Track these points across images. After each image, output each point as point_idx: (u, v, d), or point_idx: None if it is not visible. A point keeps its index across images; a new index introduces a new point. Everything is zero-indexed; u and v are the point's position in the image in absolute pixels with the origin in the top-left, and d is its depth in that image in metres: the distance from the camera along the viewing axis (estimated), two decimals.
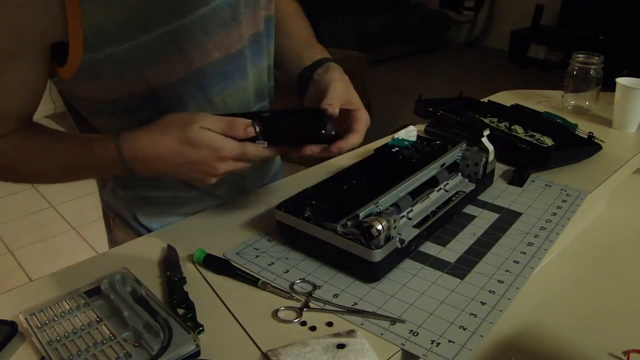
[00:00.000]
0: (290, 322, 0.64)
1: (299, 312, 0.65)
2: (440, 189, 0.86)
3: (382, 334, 0.62)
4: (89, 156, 0.73)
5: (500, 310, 0.65)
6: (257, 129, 0.70)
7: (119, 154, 0.70)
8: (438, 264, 0.74)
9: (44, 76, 0.71)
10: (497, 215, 0.86)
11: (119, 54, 0.68)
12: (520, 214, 0.87)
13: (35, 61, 0.68)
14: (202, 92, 0.77)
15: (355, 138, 0.75)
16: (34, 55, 0.67)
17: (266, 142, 0.71)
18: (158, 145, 0.69)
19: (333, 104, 0.75)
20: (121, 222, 0.94)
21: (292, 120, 0.76)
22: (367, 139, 1.07)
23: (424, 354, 0.59)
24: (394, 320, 0.63)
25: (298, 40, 0.91)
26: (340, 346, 0.59)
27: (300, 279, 0.70)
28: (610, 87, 1.23)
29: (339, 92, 0.78)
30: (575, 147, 1.07)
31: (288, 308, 0.66)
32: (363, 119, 0.78)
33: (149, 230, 0.89)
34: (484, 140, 0.90)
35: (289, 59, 0.89)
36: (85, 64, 0.67)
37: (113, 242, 0.98)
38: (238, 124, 0.69)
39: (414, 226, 0.77)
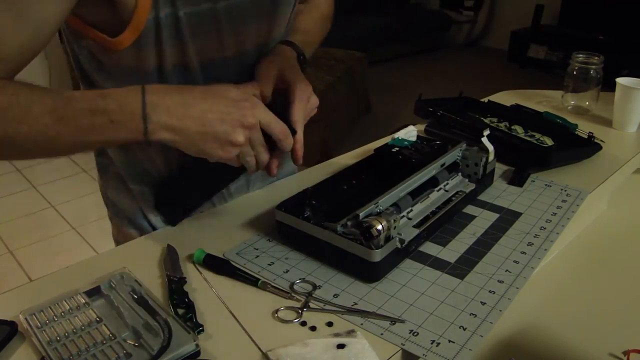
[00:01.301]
0: (290, 322, 0.64)
1: (299, 312, 0.65)
2: (440, 189, 0.86)
3: (382, 334, 0.62)
4: (102, 100, 0.63)
5: (500, 310, 0.65)
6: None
7: (142, 93, 0.63)
8: (438, 264, 0.74)
9: (58, 24, 0.66)
10: (497, 215, 0.86)
11: (174, 17, 0.69)
12: (520, 214, 0.87)
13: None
14: (221, 80, 0.77)
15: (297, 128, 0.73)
16: None
17: None
18: (186, 90, 0.67)
19: (259, 80, 0.75)
20: (127, 221, 0.93)
21: None
22: (367, 139, 1.08)
23: (424, 354, 0.59)
24: (394, 320, 0.63)
25: (291, 27, 0.90)
26: (340, 346, 0.59)
27: (300, 279, 0.70)
28: (610, 87, 1.23)
29: (264, 73, 0.76)
30: (575, 147, 1.07)
31: (288, 308, 0.66)
32: (300, 97, 0.75)
33: (155, 228, 0.89)
34: (484, 140, 0.90)
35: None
36: (149, 24, 0.68)
37: (119, 242, 0.98)
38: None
39: (414, 226, 0.77)
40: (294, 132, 0.73)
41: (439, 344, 0.60)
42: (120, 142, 0.67)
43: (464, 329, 0.62)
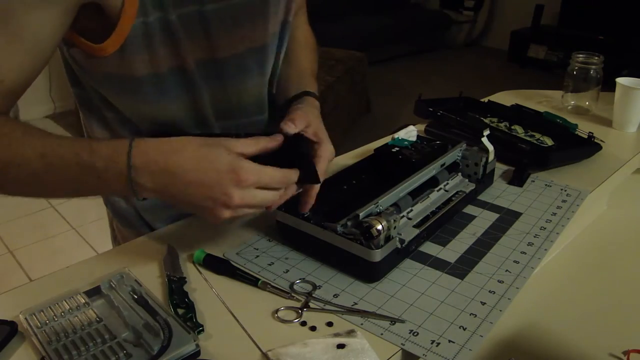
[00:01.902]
0: (290, 322, 0.64)
1: (299, 312, 0.65)
2: (440, 189, 0.86)
3: (382, 334, 0.62)
4: (89, 155, 0.62)
5: (500, 310, 0.65)
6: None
7: (128, 159, 0.61)
8: (438, 264, 0.74)
9: (57, 42, 0.66)
10: (497, 215, 0.86)
11: (164, 21, 0.69)
12: (520, 214, 0.87)
13: (59, 15, 0.62)
14: (221, 81, 0.77)
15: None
16: (63, 6, 0.62)
17: None
18: (175, 155, 0.62)
19: (295, 119, 0.71)
20: (124, 223, 0.93)
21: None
22: (367, 139, 1.08)
23: (424, 354, 0.59)
24: (394, 320, 0.63)
25: (295, 69, 0.91)
26: (340, 346, 0.59)
27: (300, 279, 0.70)
28: (610, 87, 1.23)
29: (302, 115, 0.74)
30: (575, 147, 1.07)
31: (288, 308, 0.66)
32: (325, 156, 0.73)
33: (152, 229, 0.89)
34: (484, 140, 0.90)
35: (281, 84, 0.89)
36: (135, 29, 0.67)
37: (117, 243, 0.98)
38: (263, 138, 0.66)
39: (414, 226, 0.77)
40: (316, 181, 0.70)
41: (439, 344, 0.60)
42: (108, 194, 0.66)
43: (464, 329, 0.62)
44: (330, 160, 0.74)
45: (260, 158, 0.65)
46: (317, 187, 0.72)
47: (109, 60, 0.70)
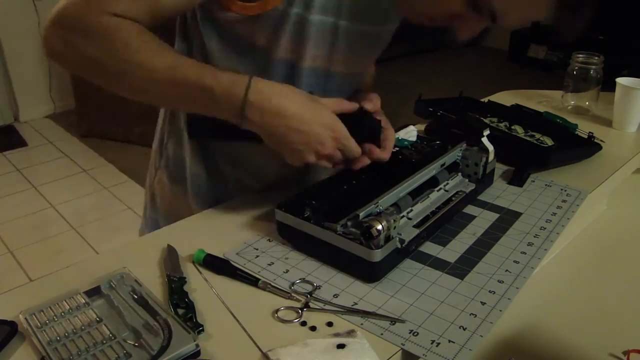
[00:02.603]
0: (290, 322, 0.64)
1: (299, 312, 0.65)
2: (440, 189, 0.86)
3: (382, 334, 0.62)
4: (212, 80, 0.69)
5: (500, 310, 0.65)
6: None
7: (246, 92, 0.69)
8: (438, 264, 0.74)
9: None
10: (497, 215, 0.86)
11: (301, 17, 0.74)
12: (520, 214, 0.87)
13: None
14: (319, 90, 0.81)
15: (384, 154, 0.81)
16: None
17: None
18: (286, 99, 0.70)
19: (372, 99, 0.83)
20: (169, 170, 0.96)
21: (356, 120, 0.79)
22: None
23: (424, 354, 0.59)
24: (394, 320, 0.63)
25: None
26: (340, 346, 0.59)
27: (300, 279, 0.70)
28: (610, 87, 1.23)
29: (376, 97, 0.86)
30: (575, 147, 1.07)
31: (288, 308, 0.66)
32: (391, 139, 0.83)
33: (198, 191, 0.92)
34: (484, 140, 0.90)
35: None
36: (275, 10, 0.73)
37: (150, 197, 1.02)
38: (345, 101, 0.77)
39: (414, 226, 0.77)
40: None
41: (439, 344, 0.60)
42: (214, 116, 0.73)
43: (464, 329, 0.62)
44: (393, 142, 0.84)
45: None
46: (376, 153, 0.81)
47: (242, 20, 0.75)
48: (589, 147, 1.05)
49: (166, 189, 0.98)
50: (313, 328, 0.63)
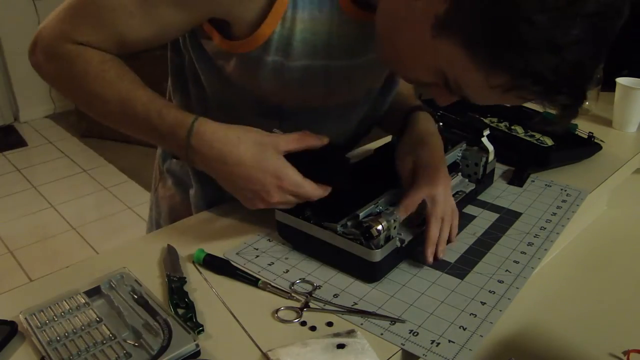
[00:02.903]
0: (290, 322, 0.64)
1: (299, 312, 0.65)
2: None
3: (382, 334, 0.62)
4: (157, 118, 0.70)
5: (500, 310, 0.65)
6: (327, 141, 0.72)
7: (188, 136, 0.68)
8: (438, 264, 0.74)
9: (184, 30, 0.74)
10: (497, 215, 0.86)
11: (280, 64, 0.71)
12: (520, 214, 0.87)
13: (189, 19, 0.69)
14: (319, 126, 0.77)
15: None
16: (197, 12, 0.69)
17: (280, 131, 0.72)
18: (229, 145, 0.69)
19: (407, 206, 0.74)
20: (171, 176, 0.97)
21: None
22: (367, 139, 1.07)
23: (424, 354, 0.59)
24: (393, 320, 0.63)
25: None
26: (340, 346, 0.59)
27: (300, 279, 0.70)
28: (610, 87, 1.22)
29: (421, 190, 0.75)
30: (575, 147, 1.07)
31: (288, 308, 0.66)
32: (437, 217, 0.74)
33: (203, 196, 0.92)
34: (484, 140, 0.90)
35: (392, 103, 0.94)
36: (256, 51, 0.70)
37: (155, 194, 1.02)
38: (310, 135, 0.71)
39: (414, 226, 0.76)
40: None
41: (439, 344, 0.60)
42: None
43: (464, 329, 0.62)
44: (447, 221, 0.75)
45: (303, 155, 0.71)
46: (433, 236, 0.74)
47: (221, 53, 0.74)
48: (589, 147, 1.05)
49: (171, 193, 0.98)
50: (313, 328, 0.63)
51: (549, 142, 1.08)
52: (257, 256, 0.75)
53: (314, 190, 0.71)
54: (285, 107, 0.79)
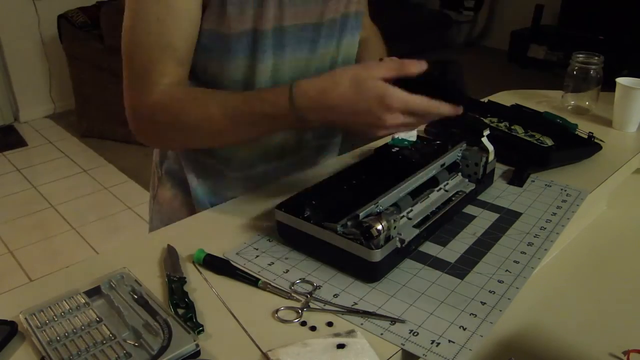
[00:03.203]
0: (290, 322, 0.64)
1: (299, 312, 0.65)
2: (440, 189, 0.86)
3: (382, 334, 0.62)
4: (260, 103, 0.74)
5: (500, 310, 0.65)
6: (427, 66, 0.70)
7: (292, 102, 0.71)
8: (438, 264, 0.74)
9: (199, 6, 0.77)
10: (497, 215, 0.86)
11: None
12: (520, 214, 0.87)
13: None
14: (280, 49, 0.84)
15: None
16: None
17: None
18: (330, 94, 0.71)
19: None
20: (171, 178, 0.98)
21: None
22: (367, 139, 1.07)
23: (424, 354, 0.59)
24: (394, 320, 0.63)
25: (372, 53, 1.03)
26: (340, 346, 0.59)
27: (300, 279, 0.70)
28: (610, 87, 1.22)
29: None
30: (575, 147, 1.06)
31: (288, 308, 0.66)
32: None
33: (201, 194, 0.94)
34: (484, 140, 0.90)
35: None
36: None
37: (155, 201, 1.02)
38: (409, 62, 0.71)
39: (414, 226, 0.77)
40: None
41: (439, 344, 0.60)
42: (283, 130, 0.83)
43: (464, 329, 0.62)
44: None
45: (410, 82, 0.70)
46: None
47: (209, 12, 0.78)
48: (589, 147, 1.05)
49: (171, 196, 0.98)
50: (313, 328, 0.63)
51: (549, 142, 1.08)
52: (257, 256, 0.75)
53: (423, 102, 0.70)
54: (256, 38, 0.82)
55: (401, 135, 1.00)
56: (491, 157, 0.90)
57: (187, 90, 0.80)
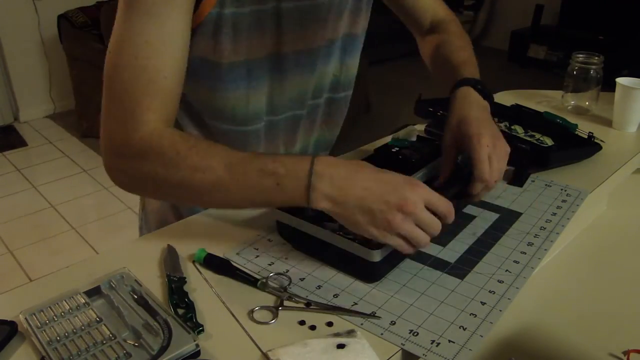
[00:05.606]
0: (290, 322, 0.64)
1: (299, 312, 0.65)
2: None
3: (382, 334, 0.62)
4: (273, 162, 0.67)
5: (500, 310, 0.65)
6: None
7: (310, 164, 0.65)
8: (438, 264, 0.74)
9: (190, 28, 0.72)
10: (497, 215, 0.86)
11: (237, 15, 0.74)
12: (520, 214, 0.87)
13: (188, 8, 0.70)
14: (278, 74, 0.83)
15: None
16: (188, 4, 0.69)
17: None
18: (354, 167, 0.67)
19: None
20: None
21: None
22: (367, 139, 1.08)
23: (424, 354, 0.59)
24: (366, 316, 0.63)
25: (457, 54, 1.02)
26: (340, 346, 0.59)
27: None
28: (610, 87, 1.22)
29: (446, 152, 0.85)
30: (575, 147, 1.06)
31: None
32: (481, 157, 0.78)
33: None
34: None
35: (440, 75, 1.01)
36: (211, 17, 0.73)
37: (144, 211, 1.03)
38: (449, 204, 0.68)
39: None
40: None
41: (439, 344, 0.60)
42: (282, 205, 0.71)
43: (464, 329, 0.62)
44: (492, 161, 0.79)
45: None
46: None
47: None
48: (589, 147, 1.05)
49: (157, 206, 0.98)
50: (313, 328, 0.63)
51: (549, 142, 1.08)
52: (257, 256, 0.75)
53: (445, 201, 0.67)
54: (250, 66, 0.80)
55: (401, 135, 1.01)
56: None
57: (181, 133, 0.71)
